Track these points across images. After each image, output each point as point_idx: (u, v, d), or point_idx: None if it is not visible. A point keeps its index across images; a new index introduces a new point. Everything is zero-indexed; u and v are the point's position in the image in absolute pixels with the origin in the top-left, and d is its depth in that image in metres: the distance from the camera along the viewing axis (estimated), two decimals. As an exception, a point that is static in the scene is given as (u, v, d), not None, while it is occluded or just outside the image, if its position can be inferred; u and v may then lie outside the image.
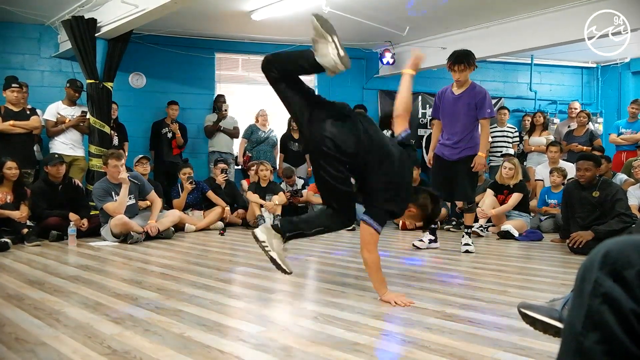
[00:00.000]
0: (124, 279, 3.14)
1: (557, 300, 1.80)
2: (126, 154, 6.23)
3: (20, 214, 4.79)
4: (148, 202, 5.38)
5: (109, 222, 4.83)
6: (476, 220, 5.67)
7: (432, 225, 4.66)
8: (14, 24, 6.59)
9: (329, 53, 2.46)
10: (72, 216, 5.00)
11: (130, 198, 5.08)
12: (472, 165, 4.28)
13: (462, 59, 4.13)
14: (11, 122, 5.52)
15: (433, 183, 4.71)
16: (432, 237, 4.65)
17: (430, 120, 8.16)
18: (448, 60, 4.23)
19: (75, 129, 6.05)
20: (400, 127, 2.88)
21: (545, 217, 6.07)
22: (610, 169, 6.19)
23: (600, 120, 8.89)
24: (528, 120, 7.90)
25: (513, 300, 2.52)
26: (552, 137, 7.46)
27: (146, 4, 5.04)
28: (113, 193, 4.99)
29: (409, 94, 2.97)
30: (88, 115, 6.01)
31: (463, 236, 4.46)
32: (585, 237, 4.21)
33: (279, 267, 2.60)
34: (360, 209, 2.74)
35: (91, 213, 5.35)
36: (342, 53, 2.43)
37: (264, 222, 5.95)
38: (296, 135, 7.37)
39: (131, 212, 5.05)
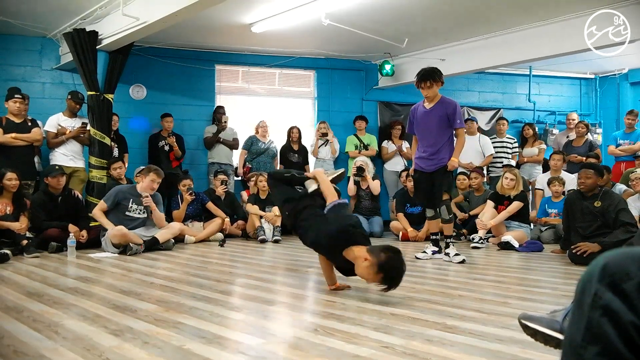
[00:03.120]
0: (123, 290, 3.13)
1: (558, 311, 1.79)
2: (126, 166, 6.25)
3: (20, 225, 4.79)
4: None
5: (108, 233, 4.83)
6: (476, 231, 5.68)
7: (434, 237, 4.69)
8: (15, 36, 6.64)
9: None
10: (72, 228, 5.00)
11: (144, 212, 5.17)
12: (447, 175, 4.45)
13: (427, 77, 4.39)
14: (13, 134, 5.54)
15: (415, 194, 4.81)
16: (436, 249, 4.66)
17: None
18: (415, 78, 4.49)
19: (76, 140, 6.06)
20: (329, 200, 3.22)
21: (546, 227, 6.07)
22: (610, 180, 6.21)
23: (599, 131, 8.92)
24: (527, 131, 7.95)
25: (514, 312, 2.51)
26: (544, 146, 7.56)
27: (147, 17, 5.08)
28: (131, 200, 5.07)
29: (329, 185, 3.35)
30: (88, 127, 6.03)
31: (447, 247, 4.52)
32: (591, 248, 4.18)
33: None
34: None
35: (91, 224, 5.35)
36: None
37: (264, 233, 5.94)
38: (296, 147, 7.40)
39: (137, 225, 5.07)
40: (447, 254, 4.50)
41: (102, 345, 2.02)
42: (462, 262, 4.34)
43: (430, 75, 4.38)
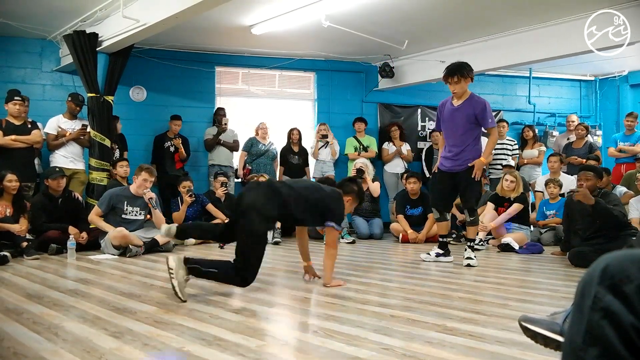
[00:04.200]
0: (123, 292, 3.12)
1: (558, 313, 1.79)
2: (127, 163, 6.26)
3: (20, 227, 4.78)
4: (148, 216, 5.39)
5: (108, 235, 4.83)
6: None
7: (441, 239, 4.62)
8: (16, 38, 6.65)
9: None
10: (72, 229, 4.99)
11: (141, 214, 5.15)
12: (473, 175, 4.29)
13: (455, 71, 4.20)
14: (12, 136, 5.54)
15: (432, 193, 4.74)
16: (441, 251, 4.58)
17: (430, 132, 8.19)
18: (443, 73, 4.31)
19: (76, 142, 6.07)
20: None
21: (546, 229, 6.07)
22: (610, 182, 6.21)
23: (599, 133, 8.93)
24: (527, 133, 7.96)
25: (514, 314, 2.51)
26: (544, 148, 7.56)
27: (147, 19, 5.09)
28: (126, 202, 5.05)
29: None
30: (89, 129, 6.04)
31: (465, 249, 4.43)
32: (588, 200, 4.18)
33: (176, 293, 2.85)
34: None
35: (91, 226, 5.35)
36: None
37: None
38: (296, 148, 7.40)
39: (136, 227, 5.07)
40: (469, 258, 4.33)
41: (102, 347, 2.02)
42: (467, 265, 4.31)
43: (458, 70, 4.17)
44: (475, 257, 4.37)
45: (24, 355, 1.93)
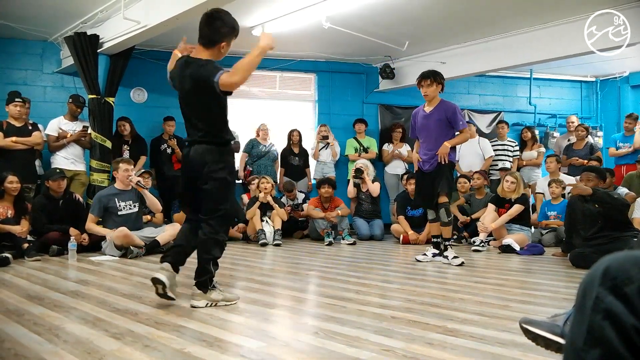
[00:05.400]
0: (124, 294, 3.12)
1: (559, 315, 1.79)
2: (141, 167, 6.28)
3: (21, 228, 4.79)
4: (149, 217, 5.40)
5: (110, 236, 4.83)
6: (477, 234, 5.68)
7: (435, 240, 4.69)
8: (17, 40, 6.66)
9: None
10: (73, 231, 4.99)
11: (134, 206, 5.14)
12: (445, 170, 4.48)
13: (428, 75, 4.50)
14: (13, 138, 5.55)
15: (416, 195, 4.83)
16: (437, 251, 4.66)
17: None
18: (417, 79, 4.58)
19: (77, 143, 6.07)
20: None
21: (547, 230, 6.06)
22: (613, 183, 6.20)
23: (600, 134, 8.92)
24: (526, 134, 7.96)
25: (515, 315, 2.51)
26: (543, 150, 7.56)
27: (148, 21, 5.10)
28: (116, 199, 5.05)
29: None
30: (89, 130, 6.04)
31: (446, 249, 4.54)
32: (584, 190, 4.23)
33: (170, 297, 2.74)
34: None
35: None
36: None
37: (264, 237, 5.93)
38: (296, 150, 7.40)
39: (134, 221, 5.05)
40: (445, 257, 4.51)
41: (103, 349, 2.02)
42: (461, 264, 4.34)
43: (432, 74, 4.49)
44: (455, 255, 4.47)
45: (25, 356, 1.93)
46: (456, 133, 4.60)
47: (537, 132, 8.01)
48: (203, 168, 2.80)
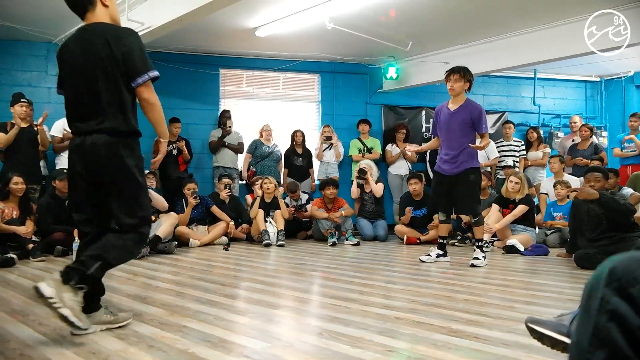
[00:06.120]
0: (128, 294, 3.13)
1: (565, 315, 1.79)
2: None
3: (26, 229, 4.81)
4: (153, 217, 5.39)
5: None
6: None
7: (441, 240, 4.66)
8: (21, 41, 6.69)
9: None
10: (77, 232, 5.00)
11: None
12: (471, 179, 4.36)
13: (458, 70, 4.35)
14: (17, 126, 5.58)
15: (433, 197, 4.77)
16: (441, 252, 4.64)
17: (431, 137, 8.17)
18: (445, 73, 4.45)
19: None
20: None
21: (551, 231, 6.04)
22: (617, 183, 6.18)
23: (604, 134, 8.88)
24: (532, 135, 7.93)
25: (519, 316, 2.50)
26: (548, 150, 7.54)
27: (152, 22, 5.12)
28: None
29: None
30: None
31: (474, 250, 4.48)
32: (591, 194, 4.16)
33: (72, 324, 2.07)
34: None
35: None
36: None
37: (268, 237, 5.94)
38: (300, 150, 7.40)
39: None
40: (475, 258, 4.38)
41: (107, 349, 2.03)
42: (472, 265, 4.35)
43: (461, 69, 4.34)
44: (483, 257, 4.39)
45: (30, 356, 1.94)
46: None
47: (541, 132, 7.99)
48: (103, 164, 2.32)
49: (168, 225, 5.14)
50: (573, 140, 7.62)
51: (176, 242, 5.34)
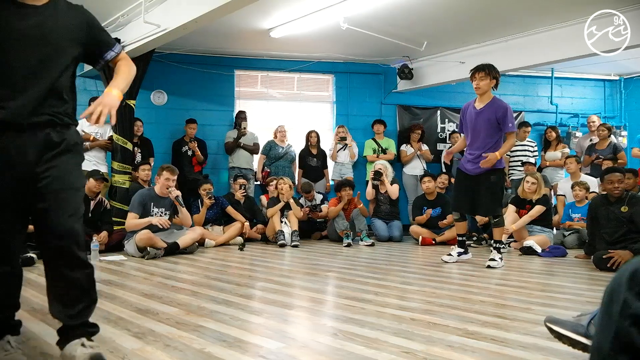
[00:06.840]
0: (145, 294, 3.17)
1: (584, 315, 1.78)
2: (151, 168, 6.35)
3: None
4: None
5: (135, 236, 4.90)
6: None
7: (460, 238, 4.64)
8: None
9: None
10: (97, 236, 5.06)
11: (166, 214, 5.19)
12: (492, 179, 4.31)
13: (483, 67, 4.27)
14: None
15: (454, 196, 4.72)
16: (462, 250, 4.63)
17: (450, 134, 8.10)
18: (471, 71, 4.37)
19: (100, 146, 6.21)
20: None
21: (569, 232, 5.96)
22: (637, 183, 6.06)
23: (624, 133, 8.73)
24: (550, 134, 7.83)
25: (537, 318, 2.47)
26: (567, 150, 7.43)
27: (167, 24, 5.16)
28: (152, 204, 5.12)
29: None
30: (111, 132, 6.15)
31: (491, 251, 4.44)
32: (624, 257, 4.03)
33: None
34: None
35: (115, 228, 5.43)
36: None
37: (283, 237, 5.95)
38: (314, 151, 7.41)
39: (161, 228, 5.10)
40: (492, 259, 4.33)
41: (125, 348, 2.05)
42: (488, 267, 4.30)
43: (487, 66, 4.26)
44: (500, 258, 4.35)
45: (50, 354, 1.97)
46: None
47: (559, 131, 7.88)
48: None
49: (190, 238, 5.19)
50: (591, 140, 7.50)
51: (197, 244, 5.39)
